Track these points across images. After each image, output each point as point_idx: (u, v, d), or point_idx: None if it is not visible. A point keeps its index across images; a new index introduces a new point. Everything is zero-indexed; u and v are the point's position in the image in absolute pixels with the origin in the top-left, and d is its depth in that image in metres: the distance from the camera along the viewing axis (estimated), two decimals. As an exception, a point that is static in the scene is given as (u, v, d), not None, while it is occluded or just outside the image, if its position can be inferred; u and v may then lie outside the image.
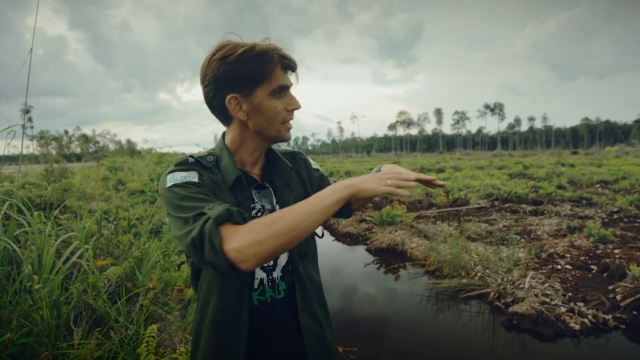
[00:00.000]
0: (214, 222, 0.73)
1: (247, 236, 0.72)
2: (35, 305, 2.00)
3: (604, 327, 3.00)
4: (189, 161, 0.93)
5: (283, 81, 0.91)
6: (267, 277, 0.98)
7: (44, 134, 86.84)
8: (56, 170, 7.01)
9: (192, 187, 0.85)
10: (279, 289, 0.99)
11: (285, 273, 1.01)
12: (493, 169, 16.61)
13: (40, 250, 2.41)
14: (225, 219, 0.74)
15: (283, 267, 1.00)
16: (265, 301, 0.97)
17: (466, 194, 9.10)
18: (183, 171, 0.89)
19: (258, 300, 0.96)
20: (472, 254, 4.59)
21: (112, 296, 2.56)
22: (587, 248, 4.70)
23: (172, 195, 0.84)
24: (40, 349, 1.90)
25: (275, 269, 0.99)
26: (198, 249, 0.73)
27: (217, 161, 0.96)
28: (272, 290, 0.98)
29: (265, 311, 0.97)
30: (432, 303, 3.70)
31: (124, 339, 2.11)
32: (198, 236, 0.73)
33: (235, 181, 0.93)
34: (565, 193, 8.87)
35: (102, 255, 3.08)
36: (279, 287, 0.99)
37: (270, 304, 0.97)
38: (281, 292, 0.99)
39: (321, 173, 1.16)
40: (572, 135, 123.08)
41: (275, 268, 0.99)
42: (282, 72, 0.90)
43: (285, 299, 0.99)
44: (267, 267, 0.98)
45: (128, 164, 11.36)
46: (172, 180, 0.87)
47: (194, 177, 0.88)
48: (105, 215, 4.04)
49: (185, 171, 0.89)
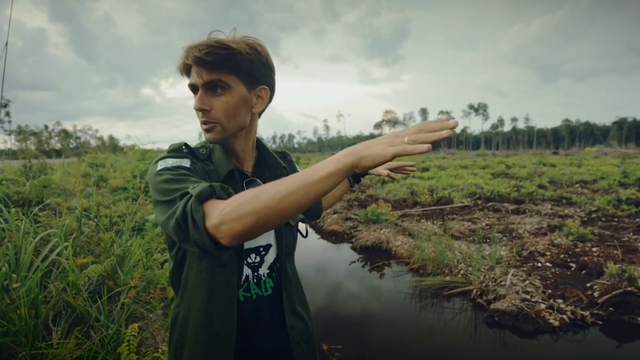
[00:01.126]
0: (195, 199, 0.70)
1: (224, 211, 0.66)
2: (12, 304, 1.95)
3: (582, 323, 3.08)
4: (183, 149, 0.91)
5: (191, 80, 0.88)
6: (253, 273, 0.96)
7: (22, 129, 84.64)
8: (35, 166, 6.84)
9: (182, 170, 0.83)
10: (265, 286, 0.98)
11: (272, 270, 0.99)
12: (476, 169, 16.84)
13: (18, 248, 2.36)
14: (208, 195, 0.71)
15: (270, 265, 0.99)
16: (250, 298, 0.96)
17: (450, 193, 9.21)
18: (175, 157, 0.87)
19: (244, 296, 0.95)
20: (456, 252, 4.65)
21: (93, 295, 2.51)
22: (567, 246, 4.80)
23: (160, 179, 0.81)
24: (18, 349, 1.85)
25: (261, 266, 0.98)
26: (183, 228, 0.70)
27: (210, 154, 0.96)
28: (257, 287, 0.97)
29: (250, 308, 0.96)
30: (416, 300, 3.74)
31: (105, 338, 2.07)
32: (182, 215, 0.70)
33: (227, 174, 0.92)
34: (546, 192, 9.05)
35: (83, 253, 3.02)
36: (266, 284, 0.98)
37: (255, 301, 0.96)
38: (268, 290, 0.98)
39: None
40: (553, 135, 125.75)
41: (262, 265, 0.98)
42: (195, 69, 0.86)
43: (271, 296, 0.99)
44: (252, 263, 0.96)
45: (110, 160, 11.15)
46: (163, 164, 0.84)
47: (185, 162, 0.86)
48: (86, 213, 3.95)
49: (177, 157, 0.87)
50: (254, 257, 0.96)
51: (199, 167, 0.89)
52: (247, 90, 0.89)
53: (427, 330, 3.19)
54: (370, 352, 2.92)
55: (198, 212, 0.68)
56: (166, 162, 0.85)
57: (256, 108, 0.94)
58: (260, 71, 0.90)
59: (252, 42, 0.89)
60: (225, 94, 0.87)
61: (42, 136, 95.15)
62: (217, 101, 0.87)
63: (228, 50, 0.83)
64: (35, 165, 6.89)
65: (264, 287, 0.98)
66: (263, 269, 0.98)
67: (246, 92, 0.89)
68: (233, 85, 0.87)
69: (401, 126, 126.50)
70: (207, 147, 0.97)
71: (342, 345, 2.85)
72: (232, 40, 0.86)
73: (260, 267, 0.97)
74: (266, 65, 0.92)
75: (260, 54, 0.89)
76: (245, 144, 0.98)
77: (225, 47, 0.83)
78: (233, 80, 0.87)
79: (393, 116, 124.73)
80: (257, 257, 0.97)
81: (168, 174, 0.81)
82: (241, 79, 0.88)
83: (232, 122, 0.90)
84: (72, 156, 23.30)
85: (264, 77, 0.92)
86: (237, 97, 0.88)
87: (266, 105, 0.97)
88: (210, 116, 0.88)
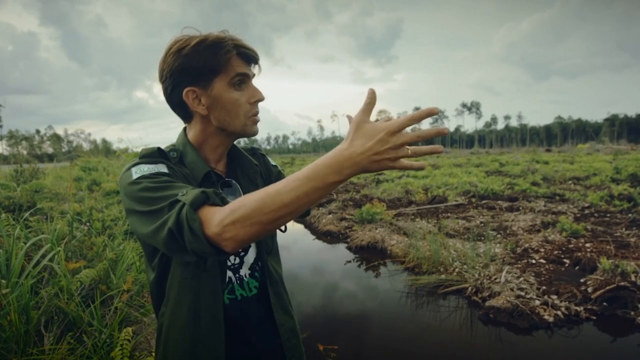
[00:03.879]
0: (190, 208, 0.67)
1: (225, 220, 0.65)
2: (3, 310, 1.92)
3: (576, 319, 3.10)
4: (156, 154, 0.88)
5: (241, 69, 0.86)
6: (234, 275, 0.95)
7: (14, 133, 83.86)
8: (26, 171, 6.78)
9: (163, 177, 0.79)
10: (249, 286, 0.96)
11: (254, 270, 0.98)
12: (470, 167, 16.91)
13: (9, 254, 2.33)
14: (201, 202, 0.68)
15: (251, 265, 0.97)
16: (235, 299, 0.94)
17: (444, 192, 9.23)
18: (150, 163, 0.83)
19: (229, 299, 0.94)
20: (451, 250, 4.66)
21: (85, 299, 2.49)
22: (560, 242, 4.83)
23: (138, 187, 0.76)
24: (9, 355, 1.83)
25: (242, 267, 0.96)
26: (177, 238, 0.68)
27: (181, 157, 0.92)
28: (241, 288, 0.95)
29: (237, 310, 0.94)
30: (411, 299, 3.74)
31: (98, 343, 2.05)
32: (175, 224, 0.67)
33: (204, 177, 0.90)
34: (540, 189, 9.10)
35: (75, 258, 2.99)
36: (249, 285, 0.97)
37: (241, 302, 0.95)
38: (252, 290, 0.97)
39: (279, 170, 1.14)
40: (546, 133, 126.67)
41: (242, 266, 0.96)
42: (240, 61, 0.86)
43: (256, 296, 0.97)
44: (232, 265, 0.94)
45: (103, 163, 11.08)
46: (139, 172, 0.80)
47: (162, 168, 0.82)
48: (78, 217, 3.92)
49: (152, 163, 0.83)
50: (234, 259, 0.95)
51: (177, 171, 0.86)
52: None
53: (423, 329, 3.19)
54: (366, 352, 2.91)
55: (195, 221, 0.66)
56: (141, 169, 0.80)
57: None
58: None
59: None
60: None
61: (33, 140, 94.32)
62: None
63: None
64: (26, 170, 6.83)
65: (247, 288, 0.96)
66: (244, 270, 0.96)
67: None
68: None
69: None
70: (177, 150, 0.92)
71: (338, 345, 2.84)
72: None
73: (241, 269, 0.96)
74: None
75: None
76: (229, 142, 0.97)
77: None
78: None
79: (387, 116, 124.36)
80: (237, 258, 0.95)
81: (147, 182, 0.77)
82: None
83: None
84: (65, 160, 23.10)
85: None
86: None
87: None
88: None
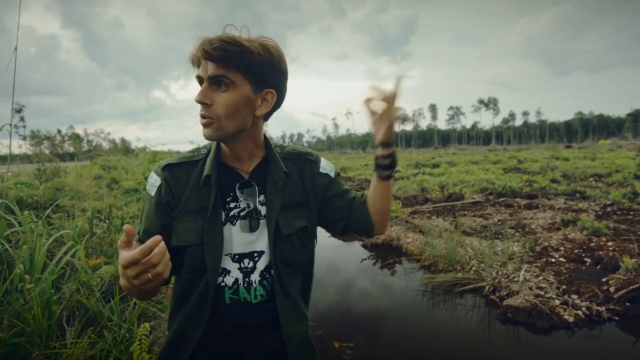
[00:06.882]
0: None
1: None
2: (26, 304, 1.98)
3: (598, 319, 3.02)
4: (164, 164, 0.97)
5: (198, 72, 0.87)
6: (244, 278, 0.94)
7: (36, 133, 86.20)
8: (49, 170, 6.95)
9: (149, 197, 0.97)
10: (255, 293, 0.95)
11: (263, 278, 0.95)
12: (488, 164, 16.67)
13: (32, 250, 2.39)
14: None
15: (262, 272, 0.95)
16: (238, 301, 0.94)
17: (461, 189, 9.12)
18: (154, 175, 0.97)
19: (230, 299, 0.94)
20: (467, 248, 4.60)
21: (105, 295, 2.55)
22: (581, 241, 4.72)
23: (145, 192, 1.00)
24: (32, 349, 1.88)
25: (254, 272, 0.95)
26: None
27: (208, 153, 0.97)
28: (247, 292, 0.94)
29: (238, 311, 0.94)
30: (427, 297, 3.71)
31: (117, 337, 2.09)
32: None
33: (204, 179, 0.93)
34: (559, 187, 8.92)
35: (95, 254, 3.06)
36: (256, 291, 0.95)
37: (244, 305, 0.94)
38: (257, 297, 0.95)
39: (330, 179, 1.07)
40: (566, 129, 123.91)
41: (254, 271, 0.95)
42: (204, 62, 0.85)
43: (262, 304, 0.95)
44: (245, 268, 0.94)
45: (122, 162, 11.28)
46: (148, 180, 0.99)
47: (155, 185, 0.96)
48: (98, 214, 4.00)
49: (155, 175, 0.97)
50: (247, 262, 0.94)
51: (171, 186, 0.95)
52: (252, 90, 0.87)
53: (439, 327, 3.16)
54: (382, 350, 2.90)
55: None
56: (149, 179, 0.98)
57: (259, 110, 0.91)
58: (269, 73, 0.88)
59: (266, 43, 0.87)
60: (228, 91, 0.85)
61: (55, 140, 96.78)
62: (219, 97, 0.85)
63: (239, 47, 0.82)
64: (48, 169, 7.00)
65: (253, 294, 0.94)
66: (255, 275, 0.95)
67: (251, 92, 0.87)
68: (238, 83, 0.85)
69: (411, 123, 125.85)
70: (208, 147, 0.98)
71: (353, 343, 2.84)
72: (246, 38, 0.84)
73: (253, 273, 0.95)
74: (277, 69, 0.89)
75: (272, 56, 0.87)
76: (247, 145, 0.96)
77: (236, 44, 0.82)
78: (239, 79, 0.85)
79: (402, 113, 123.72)
80: (251, 262, 0.95)
81: (145, 193, 0.99)
82: (247, 79, 0.86)
83: (230, 121, 0.87)
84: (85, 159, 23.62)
85: (273, 80, 0.89)
86: (240, 96, 0.86)
87: (272, 109, 0.94)
88: (210, 111, 0.86)
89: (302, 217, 1.00)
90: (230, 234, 0.94)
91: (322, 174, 1.06)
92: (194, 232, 0.91)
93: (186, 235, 0.92)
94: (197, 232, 0.91)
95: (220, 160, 0.97)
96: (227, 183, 0.96)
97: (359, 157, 34.07)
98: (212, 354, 0.95)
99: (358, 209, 1.06)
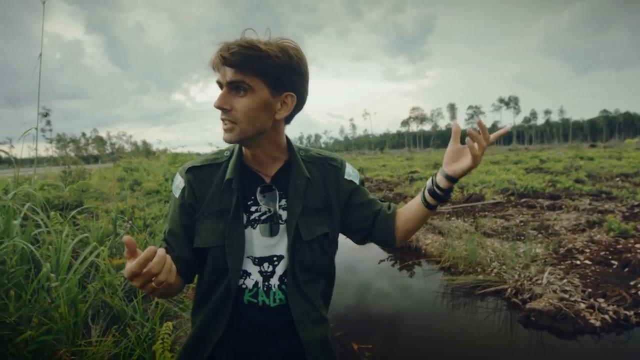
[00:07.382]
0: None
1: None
2: (53, 303, 2.04)
3: (626, 324, 2.93)
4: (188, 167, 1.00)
5: (218, 78, 0.88)
6: (264, 282, 0.95)
7: (62, 136, 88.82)
8: (74, 172, 7.15)
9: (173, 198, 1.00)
10: (274, 297, 0.95)
11: (282, 283, 0.96)
12: (509, 164, 16.32)
13: (58, 250, 2.46)
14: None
15: (280, 276, 0.96)
16: (256, 304, 0.95)
17: (481, 190, 8.97)
18: (178, 177, 1.00)
19: (249, 301, 0.95)
20: (488, 249, 4.52)
21: (129, 294, 2.60)
22: (607, 243, 4.58)
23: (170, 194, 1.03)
24: (59, 346, 1.94)
25: (273, 276, 0.96)
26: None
27: (231, 155, 0.99)
28: (265, 296, 0.95)
29: (256, 313, 0.95)
30: (447, 300, 3.66)
31: (140, 336, 2.14)
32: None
33: (226, 183, 0.95)
34: (584, 187, 8.67)
35: (119, 254, 3.13)
36: (275, 295, 0.96)
37: (262, 308, 0.95)
38: (276, 301, 0.96)
39: (356, 186, 1.07)
40: (590, 127, 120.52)
41: (274, 275, 0.96)
42: (222, 69, 0.86)
43: (280, 308, 0.96)
44: (265, 272, 0.95)
45: (143, 164, 11.49)
46: (173, 182, 1.02)
47: (179, 187, 0.98)
48: (121, 215, 4.09)
49: (179, 177, 1.00)
50: (267, 266, 0.95)
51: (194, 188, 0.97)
52: (271, 94, 0.87)
53: (459, 330, 3.12)
54: (401, 352, 2.88)
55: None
56: (174, 181, 1.01)
57: (279, 114, 0.90)
58: (288, 76, 0.87)
59: (285, 46, 0.86)
60: (247, 96, 0.85)
61: (79, 143, 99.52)
62: (238, 102, 0.86)
63: (256, 51, 0.81)
64: (74, 171, 7.20)
65: (272, 298, 0.95)
66: (274, 279, 0.95)
67: (270, 96, 0.87)
68: (256, 88, 0.85)
69: (429, 123, 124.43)
70: (231, 149, 1.00)
71: (372, 344, 2.82)
72: (265, 42, 0.84)
73: (272, 277, 0.95)
74: (296, 71, 0.88)
75: (291, 59, 0.86)
76: (268, 148, 0.96)
77: (253, 49, 0.81)
78: (257, 83, 0.85)
79: (420, 113, 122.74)
80: (270, 266, 0.95)
81: (170, 194, 1.02)
82: (266, 83, 0.85)
83: (250, 125, 0.87)
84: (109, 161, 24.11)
85: (292, 83, 0.88)
86: (258, 100, 0.86)
87: (293, 111, 0.94)
88: (230, 116, 0.87)
89: (324, 223, 1.00)
90: (251, 237, 0.95)
91: (347, 180, 1.06)
92: (216, 235, 0.93)
93: (208, 237, 0.93)
94: (218, 234, 0.93)
95: (242, 163, 0.98)
96: (248, 186, 0.97)
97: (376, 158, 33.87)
98: (231, 353, 0.96)
99: (383, 221, 1.06)
